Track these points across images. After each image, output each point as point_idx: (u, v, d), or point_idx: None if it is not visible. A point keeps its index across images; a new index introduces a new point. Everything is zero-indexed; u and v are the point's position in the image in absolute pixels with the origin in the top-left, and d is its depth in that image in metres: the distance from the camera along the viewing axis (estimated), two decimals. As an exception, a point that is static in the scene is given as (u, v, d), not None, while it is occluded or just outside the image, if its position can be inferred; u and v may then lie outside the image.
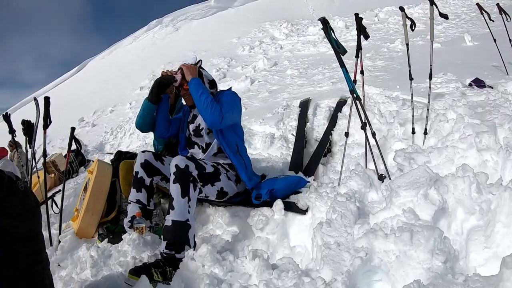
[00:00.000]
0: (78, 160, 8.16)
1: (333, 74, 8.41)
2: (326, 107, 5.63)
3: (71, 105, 22.90)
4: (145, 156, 3.11)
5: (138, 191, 3.08)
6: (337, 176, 3.54)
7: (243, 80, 10.98)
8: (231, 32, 22.69)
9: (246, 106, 7.64)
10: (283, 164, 4.34)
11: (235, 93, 3.28)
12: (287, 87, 8.64)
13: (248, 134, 5.70)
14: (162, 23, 38.66)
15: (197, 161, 2.82)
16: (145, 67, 22.79)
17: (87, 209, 3.64)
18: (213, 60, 16.77)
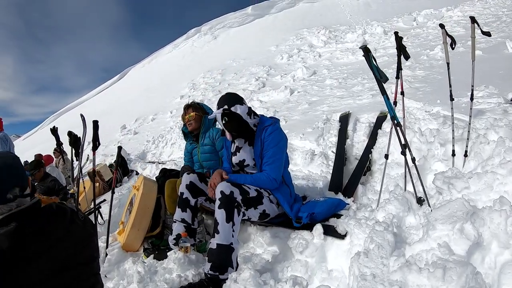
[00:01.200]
0: (121, 170, 8.44)
1: (372, 86, 8.38)
2: (366, 122, 5.66)
3: (114, 112, 23.55)
4: (190, 178, 3.32)
5: (183, 210, 3.30)
6: (376, 197, 3.63)
7: (282, 90, 11.03)
8: (269, 40, 22.85)
9: (286, 119, 7.78)
10: (323, 183, 4.45)
11: (279, 128, 3.38)
12: (326, 98, 8.69)
13: (288, 149, 5.75)
14: (200, 32, 39.27)
15: (241, 187, 2.98)
16: (185, 75, 23.15)
17: (134, 225, 3.88)
18: (252, 68, 16.99)
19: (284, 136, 3.38)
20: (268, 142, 3.23)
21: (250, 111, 3.39)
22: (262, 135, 3.28)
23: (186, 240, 3.19)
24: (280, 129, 3.36)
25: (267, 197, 3.19)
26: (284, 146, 3.35)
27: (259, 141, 3.29)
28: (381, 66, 9.56)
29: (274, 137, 3.24)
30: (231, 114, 3.28)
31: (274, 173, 3.18)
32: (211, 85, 17.61)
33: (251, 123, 3.34)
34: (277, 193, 3.24)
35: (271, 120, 3.41)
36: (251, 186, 3.10)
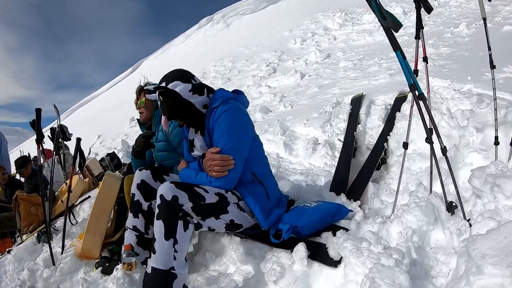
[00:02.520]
0: (113, 164, 7.93)
1: (391, 65, 7.54)
2: (382, 105, 4.85)
3: (125, 105, 23.31)
4: (141, 176, 2.73)
5: (134, 216, 2.72)
6: (391, 199, 2.81)
7: (292, 74, 10.30)
8: (283, 25, 22.04)
9: (293, 103, 7.10)
10: (324, 180, 3.62)
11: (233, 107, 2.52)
12: (339, 81, 7.88)
13: (290, 138, 5.15)
14: (213, 20, 38.72)
15: (192, 189, 2.28)
16: (196, 65, 22.65)
17: (88, 229, 3.45)
18: (264, 54, 16.19)
19: (239, 117, 2.54)
20: (216, 129, 2.47)
21: (198, 87, 2.61)
22: (210, 121, 2.53)
23: (130, 254, 2.50)
24: (233, 109, 2.51)
25: (235, 204, 2.44)
26: (241, 130, 2.51)
27: (206, 129, 2.58)
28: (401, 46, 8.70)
29: (223, 120, 2.44)
30: (168, 93, 2.55)
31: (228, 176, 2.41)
32: (221, 73, 16.94)
33: (198, 103, 2.57)
34: (246, 196, 2.49)
35: (221, 98, 2.56)
36: (209, 188, 2.37)
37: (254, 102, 8.94)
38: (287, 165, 4.50)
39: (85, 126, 24.41)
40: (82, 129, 23.20)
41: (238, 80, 13.55)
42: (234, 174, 2.41)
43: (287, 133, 5.39)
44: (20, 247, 4.96)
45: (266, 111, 7.27)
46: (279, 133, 5.36)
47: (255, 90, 10.40)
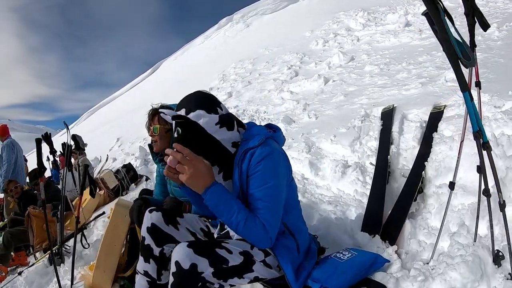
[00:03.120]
0: (129, 176, 7.79)
1: (420, 72, 7.20)
2: (416, 121, 4.58)
3: (145, 107, 23.29)
4: (152, 219, 2.41)
5: (145, 261, 2.42)
6: (430, 240, 2.57)
7: (315, 79, 9.91)
8: (304, 26, 21.72)
9: (318, 113, 6.80)
10: (355, 213, 3.31)
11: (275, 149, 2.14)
12: (365, 88, 7.55)
13: (315, 156, 4.85)
14: (232, 21, 38.71)
15: (213, 253, 2.03)
16: (216, 66, 22.60)
17: (98, 265, 3.30)
18: (285, 56, 15.89)
19: (281, 165, 2.19)
20: (255, 178, 2.09)
21: (227, 120, 2.20)
22: (243, 163, 2.13)
23: None
24: (275, 154, 2.14)
25: (261, 262, 2.18)
26: (282, 183, 2.16)
27: (237, 172, 2.16)
28: (428, 49, 8.24)
29: (265, 170, 2.08)
30: (188, 124, 2.14)
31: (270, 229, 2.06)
32: (241, 75, 16.70)
33: (225, 140, 2.19)
34: (276, 251, 2.18)
35: (260, 136, 2.16)
36: (234, 246, 2.11)
37: (277, 109, 8.75)
38: (313, 190, 4.21)
39: (104, 128, 24.57)
40: (101, 131, 23.32)
41: (259, 83, 13.32)
42: (273, 233, 2.09)
43: (313, 150, 5.12)
44: (31, 270, 4.94)
45: (290, 122, 7.02)
46: (304, 150, 5.08)
47: (276, 96, 10.15)
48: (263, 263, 2.17)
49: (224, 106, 2.28)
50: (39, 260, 5.20)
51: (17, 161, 8.58)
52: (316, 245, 2.57)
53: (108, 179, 7.51)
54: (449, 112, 4.46)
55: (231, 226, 2.06)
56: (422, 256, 2.54)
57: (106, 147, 15.39)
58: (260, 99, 10.76)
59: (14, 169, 8.35)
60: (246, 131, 2.28)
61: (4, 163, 8.47)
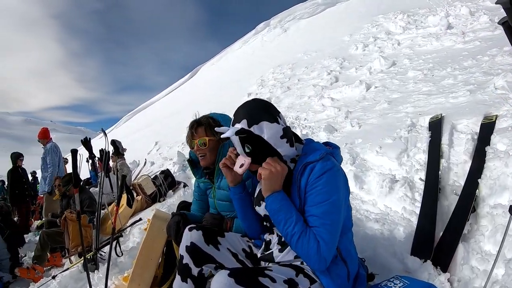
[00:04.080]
0: (167, 182, 7.75)
1: (467, 78, 6.94)
2: (467, 132, 4.36)
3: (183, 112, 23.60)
4: (191, 237, 2.26)
5: (183, 280, 2.27)
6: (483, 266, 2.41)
7: (357, 85, 9.74)
8: (342, 29, 21.48)
9: (361, 122, 6.63)
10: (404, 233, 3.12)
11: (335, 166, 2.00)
12: (410, 95, 7.31)
13: (360, 168, 4.66)
14: (269, 25, 38.74)
15: (256, 282, 1.87)
16: (254, 72, 22.60)
17: (133, 279, 3.17)
18: (324, 61, 15.73)
19: (342, 181, 2.05)
20: (316, 192, 1.94)
21: (289, 133, 2.07)
22: (302, 177, 2.00)
23: None
24: (335, 169, 1.99)
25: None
26: (344, 197, 2.02)
27: (296, 187, 2.02)
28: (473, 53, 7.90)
29: (326, 184, 1.93)
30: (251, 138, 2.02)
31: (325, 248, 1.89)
32: (280, 81, 16.61)
33: (286, 156, 2.07)
34: (325, 277, 1.99)
35: (319, 151, 2.03)
36: (277, 275, 1.93)
37: (317, 116, 8.59)
38: (359, 205, 4.06)
39: (143, 131, 24.92)
40: (140, 134, 23.66)
41: (299, 89, 13.19)
42: (329, 253, 1.92)
43: (357, 161, 4.91)
44: (65, 274, 4.94)
45: (332, 130, 6.86)
46: (348, 162, 4.89)
47: (317, 102, 10.02)
48: None
49: (282, 115, 2.14)
50: (73, 265, 5.22)
51: (59, 164, 8.78)
52: (365, 270, 2.36)
53: (146, 185, 7.52)
54: (502, 123, 4.20)
55: (286, 237, 1.96)
56: (474, 284, 2.38)
57: (145, 150, 15.68)
58: (300, 105, 10.65)
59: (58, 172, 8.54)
60: (305, 146, 2.16)
61: (49, 166, 8.64)
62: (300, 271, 2.00)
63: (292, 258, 2.10)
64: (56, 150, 8.84)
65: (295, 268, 2.02)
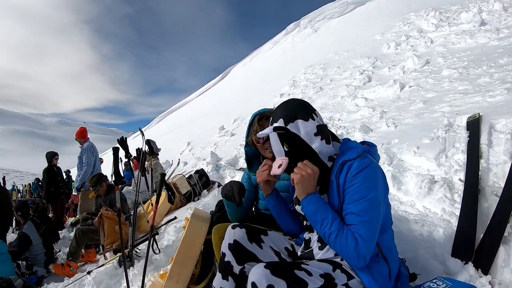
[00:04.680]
0: (201, 182, 7.82)
1: (504, 76, 6.83)
2: (506, 132, 4.28)
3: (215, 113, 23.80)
4: (235, 235, 2.27)
5: (223, 277, 2.25)
6: None
7: (391, 85, 9.64)
8: (373, 28, 21.29)
9: (396, 122, 6.58)
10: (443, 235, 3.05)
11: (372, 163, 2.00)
12: (445, 94, 7.23)
13: (398, 169, 4.63)
14: (299, 26, 38.73)
15: (292, 274, 1.87)
16: (285, 72, 22.63)
17: (171, 276, 3.18)
18: (356, 61, 15.65)
19: (380, 177, 2.04)
20: (353, 190, 1.95)
21: (323, 131, 2.10)
22: (341, 176, 2.01)
23: None
24: (373, 166, 2.00)
25: (343, 286, 1.96)
26: (383, 194, 2.02)
27: (335, 186, 2.03)
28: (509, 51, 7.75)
29: (364, 181, 1.94)
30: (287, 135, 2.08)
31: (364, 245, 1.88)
32: (312, 81, 16.57)
33: (322, 153, 2.08)
34: (366, 275, 1.97)
35: (356, 149, 2.06)
36: (313, 269, 1.94)
37: (351, 116, 8.56)
38: (397, 206, 3.98)
39: (175, 132, 25.24)
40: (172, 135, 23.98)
41: (331, 89, 13.15)
42: (367, 250, 1.89)
43: (395, 162, 4.87)
44: (100, 270, 5.00)
45: (367, 131, 6.84)
46: (385, 162, 4.83)
47: (350, 102, 9.97)
48: (346, 287, 1.96)
49: (319, 113, 2.18)
50: (109, 261, 5.27)
51: (95, 164, 9.01)
52: (406, 270, 2.31)
53: (181, 184, 7.54)
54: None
55: (324, 236, 1.97)
56: (514, 285, 2.36)
57: (177, 150, 15.90)
58: (333, 105, 10.60)
59: (92, 172, 8.74)
60: (342, 145, 2.18)
61: (83, 165, 8.86)
62: (338, 266, 2.00)
63: (332, 255, 2.09)
64: (92, 149, 9.06)
65: (333, 263, 2.02)
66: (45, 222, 7.52)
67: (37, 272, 6.48)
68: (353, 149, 2.05)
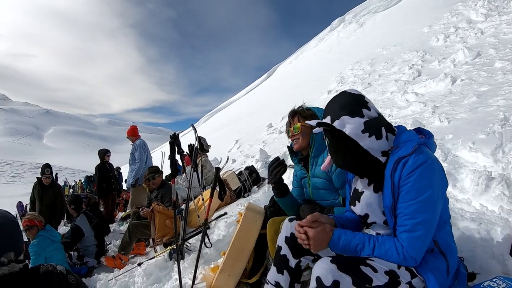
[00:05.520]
0: (252, 178, 7.83)
1: (562, 67, 6.66)
2: None
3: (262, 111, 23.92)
4: (291, 228, 2.22)
5: (278, 271, 2.25)
6: None
7: (442, 79, 9.42)
8: (421, 21, 20.80)
9: (449, 117, 6.47)
10: (501, 233, 2.95)
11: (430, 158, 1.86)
12: (500, 87, 7.07)
13: (453, 165, 4.48)
14: (344, 21, 38.30)
15: (358, 270, 1.82)
16: (332, 69, 22.50)
17: (224, 269, 3.19)
18: (404, 55, 15.36)
19: (438, 173, 1.87)
20: (407, 189, 1.85)
21: (374, 126, 1.98)
22: (395, 174, 1.90)
23: None
24: (430, 163, 1.84)
25: (407, 284, 1.88)
26: (438, 196, 1.86)
27: (390, 184, 1.92)
28: None
29: (418, 181, 1.82)
30: (334, 131, 2.03)
31: (413, 247, 1.84)
32: (359, 77, 16.38)
33: (373, 149, 1.98)
34: (425, 272, 1.89)
35: (412, 142, 1.92)
36: (378, 265, 1.88)
37: (402, 112, 8.45)
38: (453, 203, 3.78)
39: (222, 130, 25.47)
40: (219, 133, 24.26)
41: (380, 85, 12.99)
42: (417, 252, 1.85)
43: (449, 158, 4.74)
44: (151, 263, 5.07)
45: (419, 126, 6.74)
46: (440, 158, 4.56)
47: (400, 98, 9.79)
48: (409, 286, 1.88)
49: (373, 106, 2.07)
50: (159, 254, 5.30)
51: (147, 160, 9.27)
52: (464, 269, 2.18)
53: (231, 180, 7.54)
54: None
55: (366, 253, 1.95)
56: None
57: (225, 148, 15.98)
58: (383, 101, 10.49)
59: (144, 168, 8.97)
60: (396, 138, 2.02)
61: (136, 162, 9.11)
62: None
63: None
64: (144, 146, 9.29)
65: None
66: (97, 216, 7.85)
67: (88, 263, 6.79)
68: (408, 143, 1.92)
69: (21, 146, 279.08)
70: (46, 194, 8.83)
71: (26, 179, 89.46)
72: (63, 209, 9.20)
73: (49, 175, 8.89)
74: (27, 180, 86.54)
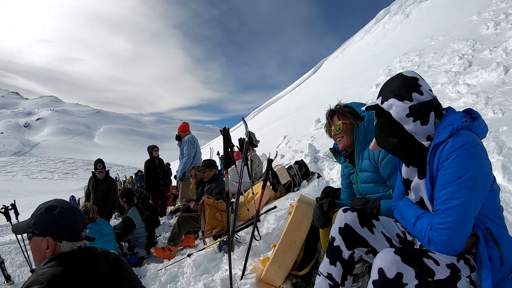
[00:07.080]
0: (301, 172, 7.64)
1: None
2: None
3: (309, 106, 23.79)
4: (346, 219, 2.19)
5: (331, 263, 2.21)
6: None
7: (494, 68, 9.08)
8: (468, 8, 20.10)
9: (503, 108, 6.34)
10: None
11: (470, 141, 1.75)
12: (556, 76, 6.84)
13: (508, 158, 4.33)
14: (390, 12, 37.49)
15: (420, 262, 1.75)
16: (379, 61, 22.13)
17: (274, 261, 3.12)
18: (453, 45, 14.87)
19: (476, 159, 1.74)
20: (442, 174, 1.80)
21: (420, 111, 1.91)
22: (434, 161, 1.85)
23: None
24: (468, 146, 1.74)
25: (467, 278, 1.78)
26: (477, 180, 1.73)
27: (428, 172, 1.90)
28: None
29: (453, 164, 1.75)
30: (382, 112, 2.03)
31: (440, 233, 1.79)
32: (408, 69, 15.92)
33: (417, 134, 1.94)
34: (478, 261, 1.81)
35: (450, 127, 1.81)
36: (440, 258, 1.79)
37: (454, 104, 8.20)
38: (508, 198, 3.62)
39: (270, 126, 25.36)
40: (267, 129, 24.24)
41: (429, 77, 12.57)
42: (462, 238, 1.77)
43: (505, 151, 4.51)
44: (200, 254, 5.07)
45: (472, 118, 6.62)
46: (494, 151, 4.49)
47: (451, 89, 9.54)
48: (469, 280, 1.78)
49: (427, 89, 1.97)
50: (209, 246, 5.28)
51: (195, 155, 9.42)
52: None
53: (281, 174, 7.38)
54: None
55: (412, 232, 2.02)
56: None
57: (273, 144, 15.97)
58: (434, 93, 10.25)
59: (192, 162, 9.16)
60: (441, 122, 1.92)
61: (184, 156, 9.29)
62: (461, 257, 1.82)
63: None
64: (193, 141, 9.42)
65: None
66: (147, 209, 8.09)
67: (138, 253, 6.99)
68: (447, 128, 1.83)
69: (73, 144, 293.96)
70: (100, 188, 9.29)
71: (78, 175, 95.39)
72: (115, 202, 9.53)
73: (101, 169, 9.33)
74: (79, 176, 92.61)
